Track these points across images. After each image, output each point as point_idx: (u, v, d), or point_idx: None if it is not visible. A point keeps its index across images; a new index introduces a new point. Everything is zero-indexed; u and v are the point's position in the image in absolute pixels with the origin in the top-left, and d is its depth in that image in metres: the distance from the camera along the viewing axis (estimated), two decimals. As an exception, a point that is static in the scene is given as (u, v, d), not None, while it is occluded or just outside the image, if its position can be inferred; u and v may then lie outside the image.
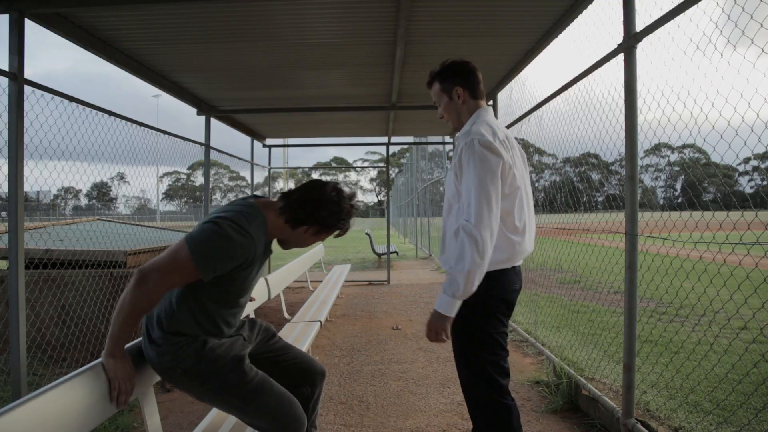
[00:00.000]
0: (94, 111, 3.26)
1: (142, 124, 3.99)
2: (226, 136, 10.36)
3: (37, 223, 5.44)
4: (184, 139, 4.87)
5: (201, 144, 5.37)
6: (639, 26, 2.20)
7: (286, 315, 4.77)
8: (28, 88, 2.64)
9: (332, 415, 2.80)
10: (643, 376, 3.07)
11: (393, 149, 41.60)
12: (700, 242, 2.00)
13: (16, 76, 2.54)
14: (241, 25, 3.31)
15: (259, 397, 1.56)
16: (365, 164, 76.02)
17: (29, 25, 2.70)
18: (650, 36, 2.13)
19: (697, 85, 1.86)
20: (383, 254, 10.43)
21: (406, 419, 2.73)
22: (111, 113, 3.48)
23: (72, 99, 3.02)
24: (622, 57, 2.31)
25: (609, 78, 2.53)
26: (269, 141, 8.40)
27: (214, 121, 5.75)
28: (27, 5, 2.62)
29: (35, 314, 3.54)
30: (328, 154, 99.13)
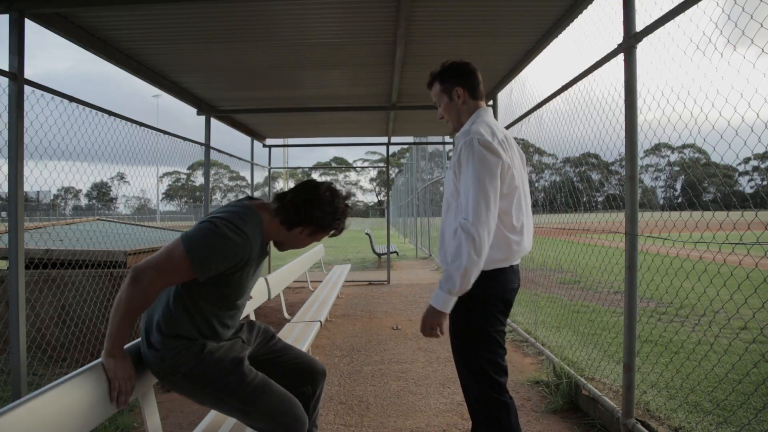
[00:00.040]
0: (94, 111, 3.26)
1: (142, 124, 3.99)
2: (226, 136, 10.37)
3: (37, 223, 5.44)
4: (184, 139, 4.87)
5: (201, 144, 5.38)
6: (639, 26, 2.20)
7: (286, 315, 4.77)
8: (28, 88, 2.64)
9: (332, 415, 2.80)
10: (643, 376, 3.07)
11: (393, 149, 41.64)
12: (700, 242, 2.00)
13: (16, 76, 2.54)
14: (241, 25, 3.31)
15: (260, 399, 1.56)
16: (365, 164, 76.09)
17: (29, 25, 2.70)
18: (650, 36, 2.13)
19: (697, 85, 1.86)
20: (383, 254, 10.43)
21: (406, 419, 2.73)
22: (111, 113, 3.48)
23: (72, 99, 3.02)
24: (622, 57, 2.31)
25: (609, 78, 2.54)
26: (269, 141, 8.40)
27: (214, 121, 5.76)
28: (27, 5, 2.62)
29: (35, 314, 3.54)
30: (328, 154, 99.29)
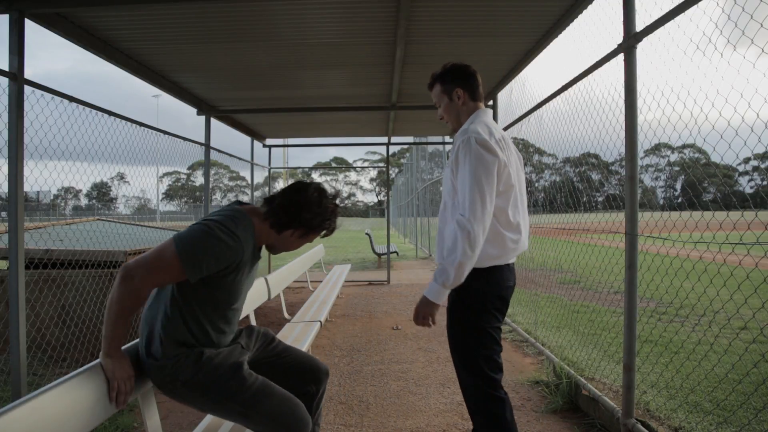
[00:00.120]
0: (94, 111, 3.26)
1: (142, 124, 3.99)
2: (226, 136, 10.38)
3: (37, 223, 5.44)
4: (184, 139, 4.87)
5: (201, 144, 5.38)
6: (639, 26, 2.20)
7: (286, 315, 4.77)
8: (28, 88, 2.64)
9: (332, 415, 2.80)
10: (643, 376, 3.07)
11: (393, 149, 41.62)
12: (700, 242, 2.01)
13: (16, 76, 2.54)
14: (241, 25, 3.31)
15: (261, 402, 1.56)
16: (365, 164, 76.09)
17: (29, 25, 2.70)
18: (650, 36, 2.13)
19: (697, 85, 1.86)
20: (383, 254, 10.43)
21: (406, 419, 2.73)
22: (111, 113, 3.48)
23: (72, 99, 3.02)
24: (622, 57, 2.31)
25: (609, 78, 2.54)
26: (269, 141, 8.40)
27: (214, 121, 5.76)
28: (27, 5, 2.62)
29: (35, 314, 3.54)
30: (328, 154, 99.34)
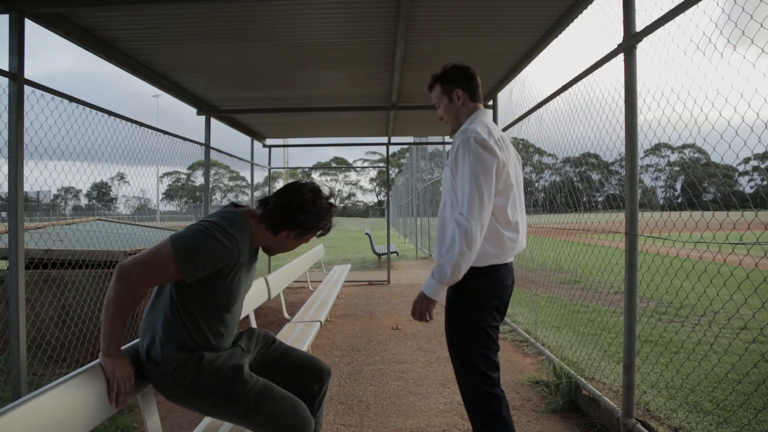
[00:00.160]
0: (94, 111, 3.26)
1: (142, 124, 3.99)
2: (226, 136, 10.40)
3: (37, 223, 5.44)
4: (184, 139, 4.87)
5: (201, 144, 5.38)
6: (639, 26, 2.20)
7: (286, 315, 4.77)
8: (28, 88, 2.64)
9: (332, 415, 2.79)
10: (643, 376, 3.07)
11: (393, 149, 41.62)
12: (700, 242, 2.01)
13: (16, 76, 2.54)
14: (241, 25, 3.31)
15: (263, 403, 1.56)
16: (365, 164, 76.08)
17: (29, 25, 2.70)
18: (650, 36, 2.13)
19: (697, 85, 1.86)
20: (383, 254, 10.43)
21: (406, 419, 2.73)
22: (111, 113, 3.48)
23: (72, 99, 3.02)
24: (622, 57, 2.31)
25: (609, 78, 2.54)
26: (269, 141, 8.40)
27: (214, 121, 5.76)
28: (27, 5, 2.62)
29: (35, 314, 3.54)
30: (328, 154, 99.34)
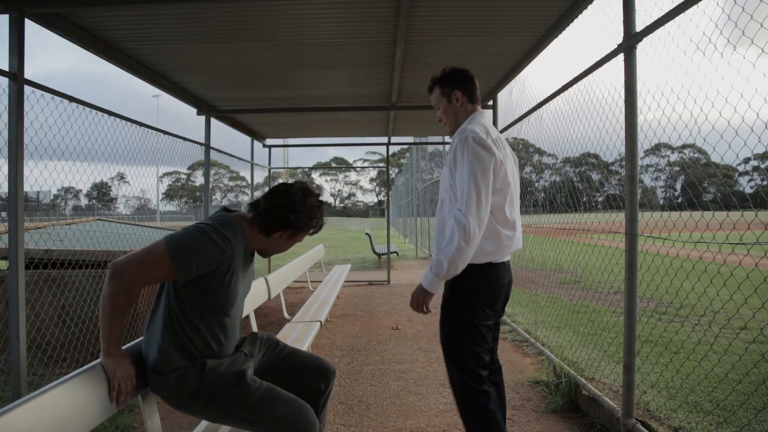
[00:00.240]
0: (94, 111, 3.26)
1: (142, 124, 3.99)
2: (226, 136, 10.39)
3: (37, 223, 5.44)
4: (184, 139, 4.87)
5: (201, 144, 5.38)
6: (639, 26, 2.20)
7: (286, 315, 4.77)
8: (28, 88, 2.63)
9: (332, 415, 2.79)
10: (643, 376, 3.07)
11: (393, 149, 41.60)
12: (700, 242, 2.01)
13: (16, 76, 2.53)
14: (241, 25, 3.31)
15: (267, 407, 1.56)
16: (365, 164, 76.05)
17: (29, 25, 2.70)
18: (650, 36, 2.13)
19: (697, 85, 1.86)
20: (383, 254, 10.43)
21: (406, 419, 2.73)
22: (111, 113, 3.48)
23: (72, 99, 3.02)
24: (622, 57, 2.31)
25: (609, 78, 2.54)
26: (269, 141, 8.40)
27: (214, 121, 5.76)
28: (27, 5, 2.62)
29: (35, 314, 3.54)
30: (328, 154, 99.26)
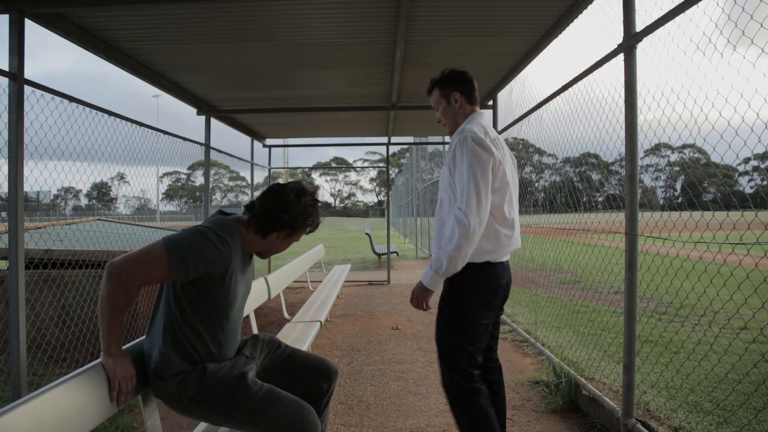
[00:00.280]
0: (94, 111, 3.26)
1: (142, 124, 3.99)
2: (226, 136, 10.41)
3: (37, 223, 5.44)
4: (184, 139, 4.87)
5: (201, 144, 5.38)
6: (639, 26, 2.20)
7: (286, 315, 4.77)
8: (28, 88, 2.63)
9: (332, 415, 2.79)
10: (643, 376, 3.07)
11: (393, 149, 41.58)
12: (700, 242, 2.01)
13: (16, 76, 2.53)
14: (241, 25, 3.31)
15: (268, 408, 1.56)
16: (365, 164, 76.02)
17: (29, 25, 2.70)
18: (650, 36, 2.13)
19: (697, 85, 1.86)
20: (383, 254, 10.43)
21: (406, 419, 2.73)
22: (111, 113, 3.48)
23: (72, 99, 3.02)
24: (622, 57, 2.31)
25: (609, 78, 2.54)
26: (269, 141, 8.40)
27: (214, 121, 5.76)
28: (27, 5, 2.62)
29: (35, 314, 3.54)
30: (328, 154, 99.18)
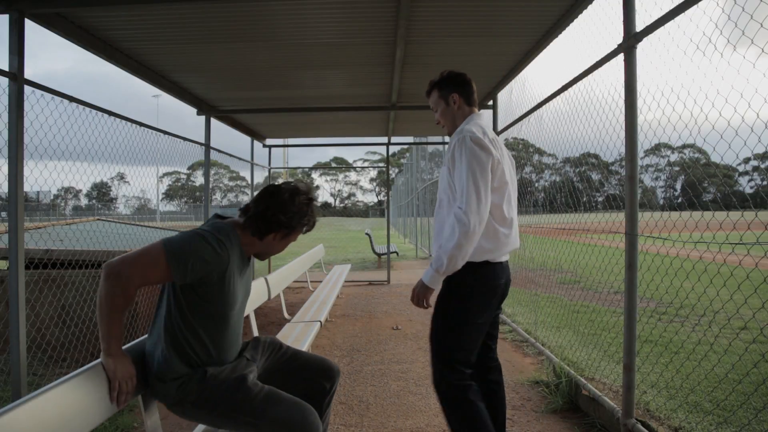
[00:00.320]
0: (94, 111, 3.26)
1: (142, 124, 3.99)
2: (226, 136, 10.41)
3: (37, 223, 5.44)
4: (184, 139, 4.87)
5: (201, 144, 5.38)
6: (639, 26, 2.20)
7: (286, 315, 4.77)
8: (28, 88, 2.63)
9: (332, 415, 2.79)
10: (643, 376, 3.07)
11: (393, 149, 41.57)
12: (700, 242, 2.01)
13: (16, 76, 2.53)
14: (241, 25, 3.31)
15: (269, 409, 1.56)
16: (365, 164, 76.00)
17: (29, 25, 2.70)
18: (650, 36, 2.13)
19: (697, 85, 1.87)
20: (383, 254, 10.43)
21: (406, 419, 2.73)
22: (111, 113, 3.48)
23: (72, 99, 3.01)
24: (622, 57, 2.31)
25: (609, 78, 2.54)
26: (269, 141, 8.40)
27: (214, 121, 5.76)
28: (27, 5, 2.62)
29: (35, 314, 3.54)
30: (328, 154, 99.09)
